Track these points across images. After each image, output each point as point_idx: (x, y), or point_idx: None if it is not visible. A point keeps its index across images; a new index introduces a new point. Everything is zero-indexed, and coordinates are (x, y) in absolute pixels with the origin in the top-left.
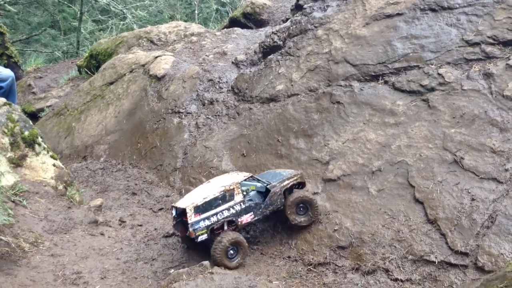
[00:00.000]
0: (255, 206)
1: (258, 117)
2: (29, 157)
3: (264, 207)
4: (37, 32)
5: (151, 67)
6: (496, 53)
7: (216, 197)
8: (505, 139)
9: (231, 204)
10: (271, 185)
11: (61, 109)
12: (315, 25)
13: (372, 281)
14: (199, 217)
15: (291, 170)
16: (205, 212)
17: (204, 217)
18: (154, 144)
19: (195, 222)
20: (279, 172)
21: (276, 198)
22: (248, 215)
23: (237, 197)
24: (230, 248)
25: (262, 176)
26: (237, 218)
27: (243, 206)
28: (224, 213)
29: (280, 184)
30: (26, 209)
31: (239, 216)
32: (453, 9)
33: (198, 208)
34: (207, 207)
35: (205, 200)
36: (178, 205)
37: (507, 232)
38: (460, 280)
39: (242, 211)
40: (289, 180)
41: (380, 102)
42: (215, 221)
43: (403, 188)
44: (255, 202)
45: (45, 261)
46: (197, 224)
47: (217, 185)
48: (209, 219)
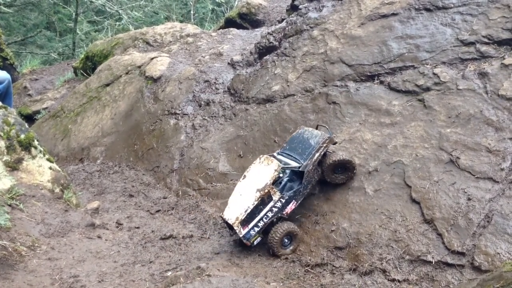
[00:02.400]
0: (294, 194)
1: (254, 118)
2: (25, 160)
3: (303, 189)
4: (33, 34)
5: (147, 68)
6: (491, 53)
7: (256, 206)
8: (500, 138)
9: (272, 205)
10: (304, 165)
11: (57, 111)
12: (310, 26)
13: (370, 282)
14: (248, 228)
15: (319, 133)
16: (251, 222)
17: (252, 226)
18: (150, 145)
19: (246, 233)
20: (308, 139)
21: (312, 175)
22: (291, 204)
23: (275, 196)
24: (285, 237)
25: (292, 144)
26: (281, 212)
27: (283, 201)
28: (269, 215)
29: (311, 161)
30: (23, 212)
31: (283, 210)
32: (448, 9)
33: (243, 221)
34: (252, 217)
35: (247, 212)
36: (225, 219)
37: (503, 232)
38: (457, 280)
39: (284, 205)
40: (319, 152)
41: (376, 102)
42: (263, 225)
43: (399, 188)
44: (293, 190)
45: (42, 265)
46: (248, 235)
47: (252, 185)
48: (257, 226)
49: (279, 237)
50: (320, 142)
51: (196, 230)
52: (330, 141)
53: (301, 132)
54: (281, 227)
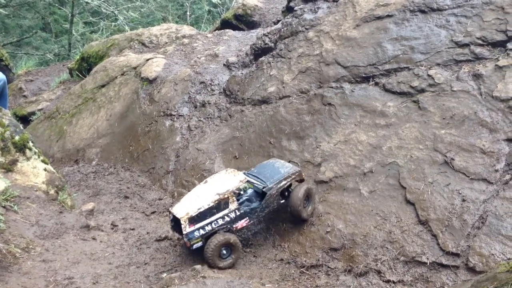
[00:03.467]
0: (250, 211)
1: (250, 119)
2: (20, 162)
3: (260, 211)
4: (28, 35)
5: (143, 69)
6: (485, 54)
7: (210, 207)
8: (494, 139)
9: (226, 213)
10: (268, 187)
11: (52, 113)
12: (306, 27)
13: (365, 283)
14: (194, 227)
15: (290, 166)
16: (199, 222)
17: (199, 227)
18: (146, 147)
19: (190, 232)
20: (278, 168)
21: (272, 200)
22: (243, 221)
23: (232, 205)
24: (223, 248)
25: (260, 169)
26: (232, 225)
27: (238, 213)
28: (219, 222)
29: (276, 186)
30: (17, 214)
31: (234, 223)
32: (442, 11)
33: (192, 219)
34: (202, 217)
35: (199, 210)
36: (174, 213)
37: (497, 233)
38: (452, 281)
39: (237, 218)
40: (286, 181)
41: (371, 103)
42: (209, 230)
43: (394, 189)
44: (250, 207)
45: (37, 267)
46: (191, 234)
47: (213, 190)
48: (204, 228)
49: (214, 247)
50: (290, 173)
51: None
52: (299, 175)
53: (272, 161)
54: (218, 237)
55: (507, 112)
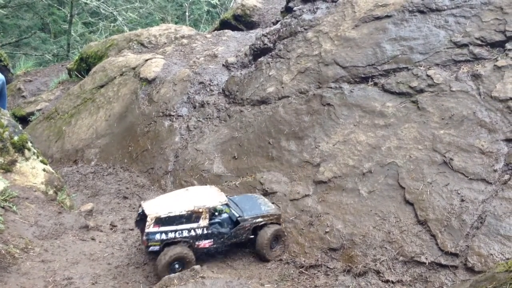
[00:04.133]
0: (217, 235)
1: (249, 120)
2: (18, 162)
3: (226, 238)
4: (27, 35)
5: (142, 70)
6: (484, 54)
7: (181, 215)
8: (493, 140)
9: (194, 227)
10: (243, 218)
11: (51, 113)
12: (305, 28)
13: (363, 283)
14: (157, 229)
15: (272, 206)
16: (165, 226)
17: (162, 231)
18: (145, 147)
19: (152, 233)
20: (260, 204)
21: (242, 232)
22: (207, 241)
23: (202, 222)
24: (175, 263)
25: (243, 199)
26: (194, 241)
27: (204, 232)
28: (184, 233)
29: (251, 220)
30: (16, 214)
31: (197, 240)
32: (441, 11)
33: (159, 220)
34: (169, 222)
35: (169, 214)
36: (144, 208)
37: (496, 233)
38: (451, 280)
39: (202, 236)
40: (263, 219)
41: (370, 104)
42: (171, 237)
43: (393, 189)
44: (219, 230)
45: (36, 267)
46: (153, 235)
47: (190, 200)
48: (166, 233)
49: (166, 260)
50: (269, 213)
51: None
52: (277, 218)
53: (257, 196)
54: (172, 250)
55: (506, 112)
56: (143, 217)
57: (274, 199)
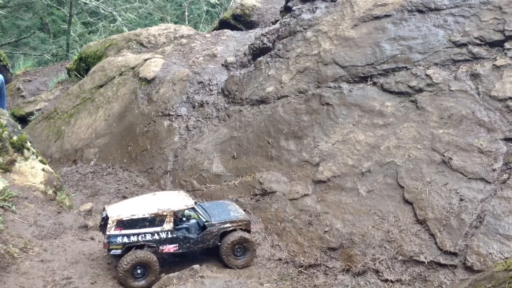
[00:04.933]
0: (183, 239)
1: (248, 119)
2: (18, 162)
3: (192, 243)
4: (26, 35)
5: (141, 69)
6: (483, 54)
7: (144, 218)
8: (492, 139)
9: (158, 230)
10: (210, 223)
11: (50, 113)
12: (304, 27)
13: (363, 282)
14: (119, 232)
15: (242, 213)
16: (127, 229)
17: (124, 234)
18: (144, 147)
19: (113, 235)
20: (229, 210)
21: (209, 238)
22: (172, 246)
23: (167, 225)
24: (138, 267)
25: (212, 205)
26: (158, 246)
27: (169, 236)
28: (147, 237)
29: (219, 225)
30: (15, 214)
31: (161, 244)
32: (440, 10)
33: (121, 222)
34: (132, 225)
35: (132, 217)
36: (107, 211)
37: (495, 232)
38: (450, 280)
39: (166, 240)
40: (231, 224)
41: (369, 103)
42: (134, 241)
43: (392, 188)
44: (184, 235)
45: (35, 267)
46: (114, 238)
47: (156, 203)
48: (128, 237)
49: (126, 265)
50: (238, 219)
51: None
52: (247, 225)
53: (227, 203)
54: (132, 254)
55: (504, 111)
56: (106, 221)
57: (274, 199)
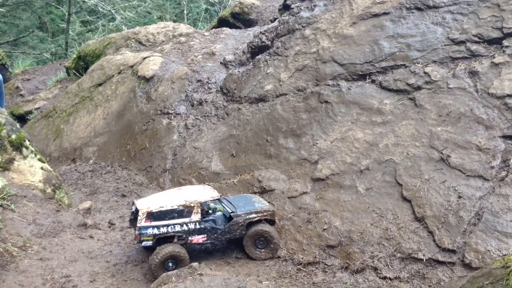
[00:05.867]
0: (210, 230)
1: (247, 117)
2: (16, 160)
3: (220, 233)
4: (25, 34)
5: (140, 68)
6: (481, 51)
7: (173, 209)
8: (490, 136)
9: (186, 221)
10: (236, 214)
11: (49, 111)
12: (302, 25)
13: (361, 280)
14: (149, 224)
15: (266, 203)
16: (157, 220)
17: (154, 225)
18: (143, 145)
19: (144, 227)
20: (254, 202)
21: (236, 228)
22: (200, 236)
23: (194, 216)
24: (169, 261)
25: (237, 198)
26: (187, 236)
27: (197, 226)
28: (176, 227)
29: (245, 216)
30: (14, 213)
31: (190, 235)
32: (438, 8)
33: (151, 214)
34: (161, 216)
35: (161, 208)
36: (136, 204)
37: (493, 229)
38: (448, 277)
39: (195, 231)
40: (257, 215)
41: (368, 101)
42: (164, 232)
43: (391, 186)
44: (211, 226)
45: (34, 265)
46: (145, 230)
47: (183, 196)
48: (158, 228)
49: (159, 259)
50: (263, 209)
51: None
52: (271, 215)
53: (251, 195)
54: (165, 249)
55: (503, 109)
56: (136, 215)
57: (272, 197)
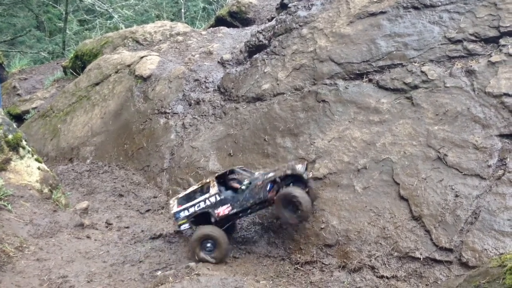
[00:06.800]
0: (232, 199)
1: (244, 117)
2: (13, 160)
3: (242, 200)
4: (22, 33)
5: (137, 67)
6: (478, 50)
7: (194, 190)
8: (487, 135)
9: (207, 196)
10: (252, 177)
11: (46, 111)
12: (300, 24)
13: (358, 279)
14: (181, 208)
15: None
16: (185, 203)
17: (184, 208)
18: (140, 145)
19: (177, 212)
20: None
21: (256, 191)
22: (224, 207)
23: (212, 190)
24: (205, 241)
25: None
26: (213, 210)
27: (218, 198)
28: (201, 205)
29: (263, 177)
30: (11, 213)
31: (215, 208)
32: (435, 7)
33: (179, 200)
34: (187, 199)
35: (185, 192)
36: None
37: (490, 228)
38: (445, 276)
39: (217, 203)
40: (275, 173)
41: (365, 100)
42: (192, 212)
43: (388, 185)
44: (231, 195)
45: (31, 266)
46: (178, 214)
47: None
48: (188, 210)
49: (194, 239)
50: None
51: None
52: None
53: None
54: (200, 230)
55: (499, 107)
56: None
57: None
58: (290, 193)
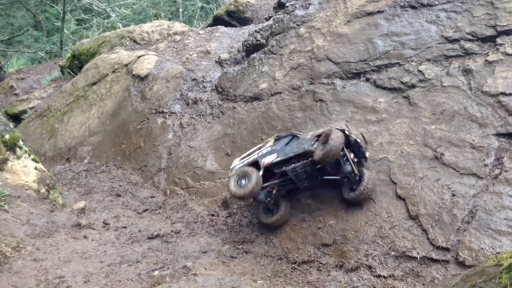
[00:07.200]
0: (280, 149)
1: (242, 116)
2: (10, 160)
3: (288, 150)
4: (19, 33)
5: (134, 67)
6: (475, 49)
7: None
8: (484, 134)
9: (261, 149)
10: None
11: (44, 111)
12: (297, 23)
13: (356, 278)
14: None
15: None
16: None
17: (241, 160)
18: (138, 144)
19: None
20: None
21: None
22: (271, 156)
23: (268, 144)
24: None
25: None
26: (261, 160)
27: (269, 149)
28: (254, 156)
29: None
30: (8, 213)
31: (263, 157)
32: (432, 6)
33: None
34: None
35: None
36: None
37: (487, 227)
38: (442, 275)
39: (267, 153)
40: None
41: (362, 99)
42: (246, 163)
43: (385, 184)
44: (281, 146)
45: (28, 266)
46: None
47: None
48: (243, 161)
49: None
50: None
51: (184, 229)
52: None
53: None
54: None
55: (496, 107)
56: None
57: None
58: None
